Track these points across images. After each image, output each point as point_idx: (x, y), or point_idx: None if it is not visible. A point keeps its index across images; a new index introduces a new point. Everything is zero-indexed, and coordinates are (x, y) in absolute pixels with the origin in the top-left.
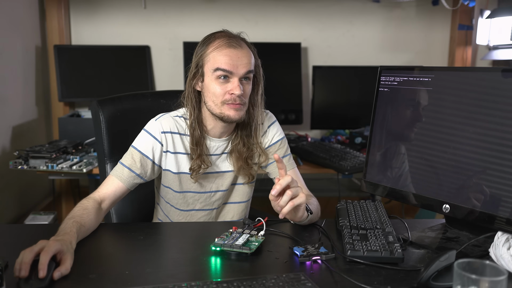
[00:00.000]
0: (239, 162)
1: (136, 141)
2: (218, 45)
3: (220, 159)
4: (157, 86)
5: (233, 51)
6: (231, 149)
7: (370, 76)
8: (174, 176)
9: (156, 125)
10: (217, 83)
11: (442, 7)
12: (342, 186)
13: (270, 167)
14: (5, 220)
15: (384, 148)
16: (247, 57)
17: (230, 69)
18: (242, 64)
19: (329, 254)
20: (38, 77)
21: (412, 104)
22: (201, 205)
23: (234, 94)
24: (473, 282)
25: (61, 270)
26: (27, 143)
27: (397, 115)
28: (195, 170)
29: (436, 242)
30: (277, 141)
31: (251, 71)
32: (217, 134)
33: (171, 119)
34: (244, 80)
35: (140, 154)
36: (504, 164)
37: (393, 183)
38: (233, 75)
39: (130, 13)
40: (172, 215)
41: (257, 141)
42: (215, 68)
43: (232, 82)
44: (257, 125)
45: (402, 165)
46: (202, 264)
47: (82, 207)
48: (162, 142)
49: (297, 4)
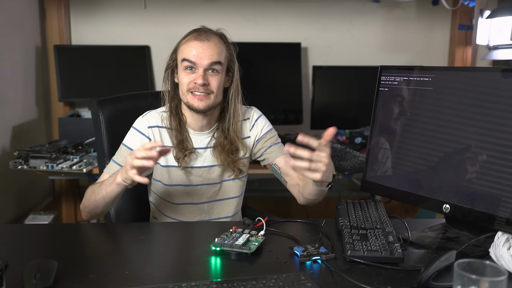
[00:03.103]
0: (222, 155)
1: (125, 138)
2: (188, 38)
3: (206, 153)
4: (157, 86)
5: (198, 44)
6: (214, 142)
7: (370, 76)
8: (163, 169)
9: (143, 121)
10: (185, 74)
11: (442, 7)
12: (342, 186)
13: (265, 154)
14: (5, 220)
15: (384, 148)
16: (213, 49)
17: (194, 60)
18: (206, 56)
19: (329, 254)
20: (38, 77)
21: (412, 104)
22: (192, 199)
23: (197, 83)
24: (473, 282)
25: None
26: (27, 143)
27: (397, 115)
28: (180, 158)
29: (436, 242)
30: (267, 132)
31: (217, 63)
32: (197, 127)
33: (157, 114)
34: (211, 72)
35: (129, 150)
36: (504, 164)
37: (393, 183)
38: (197, 66)
39: (130, 13)
40: (166, 210)
41: (236, 134)
42: (182, 59)
43: (197, 73)
44: (232, 118)
45: (402, 165)
46: (202, 264)
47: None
48: (150, 136)
49: (297, 4)
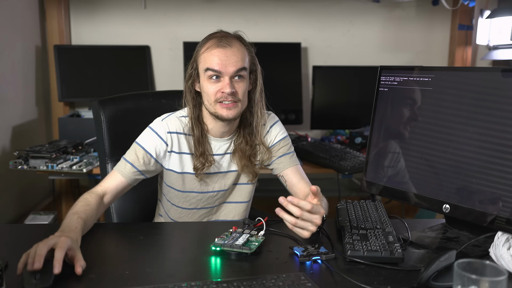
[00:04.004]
0: (242, 160)
1: (140, 137)
2: (209, 46)
3: (223, 159)
4: (157, 86)
5: (221, 51)
6: (234, 148)
7: (370, 76)
8: (178, 176)
9: (162, 125)
10: (210, 83)
11: (442, 7)
12: (342, 186)
13: (274, 164)
14: (5, 220)
15: (384, 148)
16: (237, 56)
17: (219, 69)
18: (231, 63)
19: (329, 254)
20: (38, 77)
21: (412, 104)
22: (203, 204)
23: (225, 92)
24: (473, 282)
25: (81, 264)
26: (27, 143)
27: (397, 115)
28: (199, 169)
29: (436, 242)
30: (280, 140)
31: (242, 69)
32: (218, 133)
33: (177, 120)
34: (237, 78)
35: (144, 151)
36: (504, 164)
37: (393, 183)
38: (223, 74)
39: (130, 13)
40: (173, 213)
41: (260, 140)
42: (205, 69)
43: (223, 81)
44: (259, 122)
45: (402, 165)
46: (202, 264)
47: (86, 202)
48: (168, 142)
49: (297, 4)
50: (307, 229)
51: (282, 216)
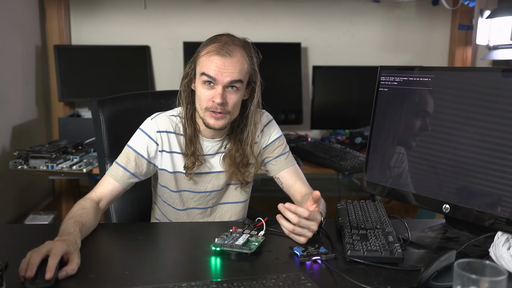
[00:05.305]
0: (231, 167)
1: (131, 140)
2: (210, 50)
3: (214, 159)
4: (157, 86)
5: (220, 59)
6: (224, 154)
7: (370, 76)
8: (170, 176)
9: (151, 125)
10: (203, 88)
11: (442, 7)
12: (342, 186)
13: (269, 165)
14: (5, 220)
15: (384, 148)
16: (235, 67)
17: (214, 76)
18: (227, 73)
19: (329, 254)
20: (38, 77)
21: (412, 104)
22: (196, 203)
23: (215, 102)
24: (473, 282)
25: (67, 270)
26: (27, 143)
27: (397, 115)
28: (189, 168)
29: (436, 242)
30: (274, 140)
31: (237, 81)
32: (209, 135)
33: (166, 118)
34: (231, 89)
35: (135, 153)
36: (504, 164)
37: (393, 183)
38: (217, 82)
39: (130, 13)
40: (170, 214)
41: (251, 150)
42: (201, 73)
43: (215, 89)
44: (251, 133)
45: (402, 165)
46: (202, 264)
47: (81, 206)
48: (158, 141)
49: (297, 4)
50: (304, 235)
51: (281, 222)
